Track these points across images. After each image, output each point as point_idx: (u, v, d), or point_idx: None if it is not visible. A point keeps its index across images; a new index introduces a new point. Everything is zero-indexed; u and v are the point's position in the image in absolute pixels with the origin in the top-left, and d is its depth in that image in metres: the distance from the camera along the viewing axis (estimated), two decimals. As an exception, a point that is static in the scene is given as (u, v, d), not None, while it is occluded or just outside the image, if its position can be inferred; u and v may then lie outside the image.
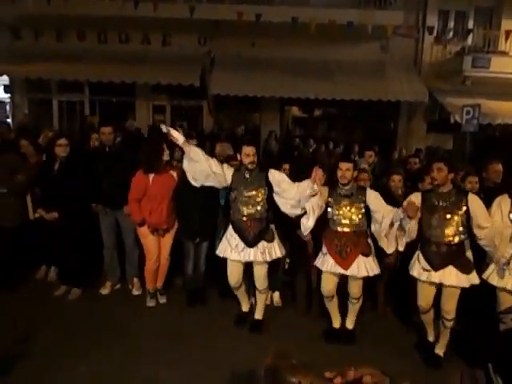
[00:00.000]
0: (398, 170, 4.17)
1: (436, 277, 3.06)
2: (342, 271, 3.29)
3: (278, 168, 3.93)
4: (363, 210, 3.31)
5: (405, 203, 3.06)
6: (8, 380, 2.80)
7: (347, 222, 3.32)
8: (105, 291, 4.09)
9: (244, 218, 3.41)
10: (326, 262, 3.34)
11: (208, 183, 3.44)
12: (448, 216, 3.05)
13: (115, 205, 3.89)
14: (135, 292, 4.12)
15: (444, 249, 3.05)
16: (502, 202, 3.12)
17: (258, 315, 3.62)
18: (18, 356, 3.01)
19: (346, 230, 3.31)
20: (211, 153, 4.69)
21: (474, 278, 3.04)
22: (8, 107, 10.44)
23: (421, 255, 3.16)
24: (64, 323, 3.54)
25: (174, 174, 3.78)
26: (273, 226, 3.53)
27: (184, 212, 3.76)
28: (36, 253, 4.29)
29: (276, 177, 3.42)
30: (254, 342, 3.30)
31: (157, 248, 3.80)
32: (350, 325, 3.51)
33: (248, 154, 3.34)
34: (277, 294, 4.06)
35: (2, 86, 10.17)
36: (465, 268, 3.04)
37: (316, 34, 7.68)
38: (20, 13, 8.53)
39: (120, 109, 10.23)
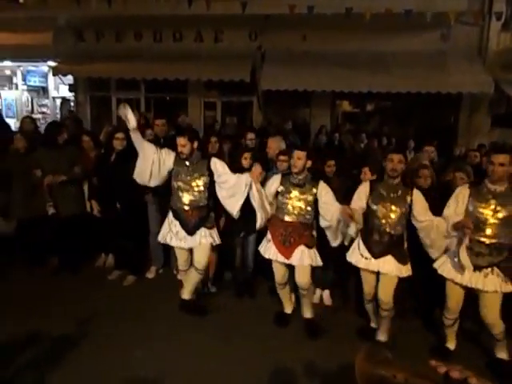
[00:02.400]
0: (463, 166, 3.91)
1: (375, 265, 3.16)
2: (284, 260, 3.33)
3: (324, 163, 3.84)
4: (312, 202, 3.31)
5: (341, 209, 3.09)
6: (66, 360, 2.98)
7: (294, 211, 3.31)
8: (150, 275, 4.26)
9: (185, 207, 3.44)
10: (268, 250, 3.40)
11: (154, 182, 3.46)
12: (393, 207, 3.13)
13: (166, 194, 4.00)
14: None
15: (386, 238, 3.14)
16: (461, 191, 3.06)
17: (186, 296, 3.55)
18: (73, 337, 3.20)
19: (293, 219, 3.32)
20: (262, 148, 4.72)
21: (408, 270, 3.14)
22: (72, 104, 11.13)
23: (361, 243, 3.24)
24: (117, 306, 3.70)
25: None
26: (212, 214, 3.58)
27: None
28: (96, 240, 4.54)
29: (217, 166, 3.44)
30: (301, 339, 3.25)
31: None
32: (308, 314, 3.53)
33: (183, 144, 3.37)
34: (327, 293, 3.96)
35: (67, 85, 10.88)
36: (402, 259, 3.14)
37: (371, 25, 7.36)
38: (84, 15, 9.05)
39: (173, 105, 10.57)
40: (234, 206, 3.38)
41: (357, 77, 8.12)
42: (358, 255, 3.24)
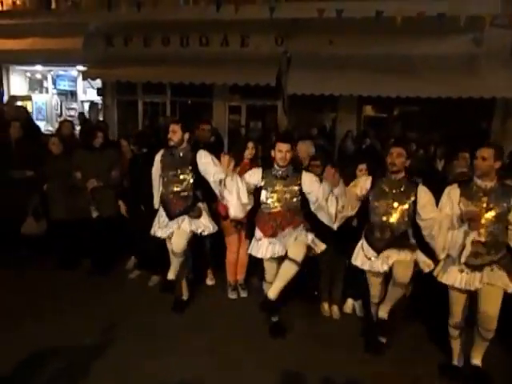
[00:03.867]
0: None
1: (379, 265, 3.01)
2: (274, 239, 3.21)
3: (354, 168, 3.75)
4: (298, 193, 3.25)
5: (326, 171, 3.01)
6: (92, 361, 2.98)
7: (282, 203, 3.26)
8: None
9: (170, 196, 3.51)
10: (260, 248, 3.28)
11: None
12: (395, 204, 3.02)
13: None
14: (209, 282, 4.27)
15: (387, 235, 3.03)
16: (451, 192, 2.95)
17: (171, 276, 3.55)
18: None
19: (281, 209, 3.25)
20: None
21: (420, 256, 3.01)
22: (100, 108, 11.37)
23: (365, 242, 3.13)
24: (143, 309, 3.70)
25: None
26: (201, 204, 3.56)
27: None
28: (125, 242, 4.58)
29: (202, 158, 3.48)
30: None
31: (238, 241, 3.86)
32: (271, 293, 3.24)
33: (175, 131, 3.39)
34: (359, 303, 3.82)
35: (96, 89, 11.11)
36: (408, 248, 3.00)
37: (401, 28, 7.22)
38: (113, 21, 9.24)
39: (198, 109, 10.65)
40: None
41: (385, 81, 7.97)
42: (362, 257, 3.15)
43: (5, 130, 4.58)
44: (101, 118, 10.80)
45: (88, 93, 12.53)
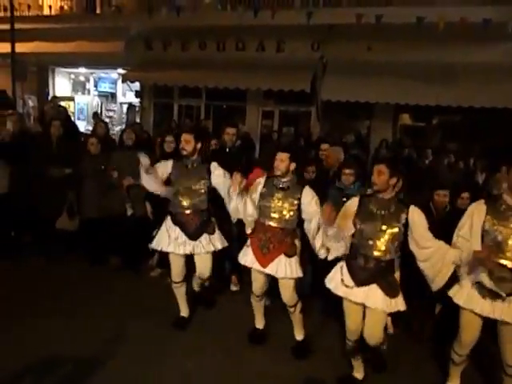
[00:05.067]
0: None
1: (356, 295, 2.66)
2: (260, 268, 3.08)
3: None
4: (296, 207, 3.05)
5: (323, 207, 2.74)
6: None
7: (276, 215, 3.07)
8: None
9: (186, 211, 3.33)
10: (246, 256, 3.18)
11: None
12: (383, 227, 2.65)
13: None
14: (233, 288, 4.22)
15: (372, 264, 2.66)
16: (476, 208, 2.64)
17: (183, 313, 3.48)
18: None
19: (274, 224, 3.07)
20: (319, 158, 4.59)
21: (399, 303, 2.66)
22: (137, 110, 11.70)
23: (344, 267, 2.76)
24: (166, 312, 3.69)
25: None
26: (214, 219, 3.44)
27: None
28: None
29: (216, 170, 3.35)
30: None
31: None
32: (299, 336, 3.27)
33: (187, 140, 3.27)
34: (388, 319, 3.66)
35: (134, 92, 11.46)
36: (390, 290, 2.64)
37: (443, 35, 6.97)
38: (153, 25, 9.50)
39: (231, 113, 10.72)
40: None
41: (425, 89, 7.71)
42: (338, 280, 2.77)
43: (46, 129, 4.79)
44: (138, 120, 11.10)
45: (127, 95, 12.96)
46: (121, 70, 11.41)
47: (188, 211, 3.35)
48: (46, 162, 4.47)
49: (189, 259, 3.47)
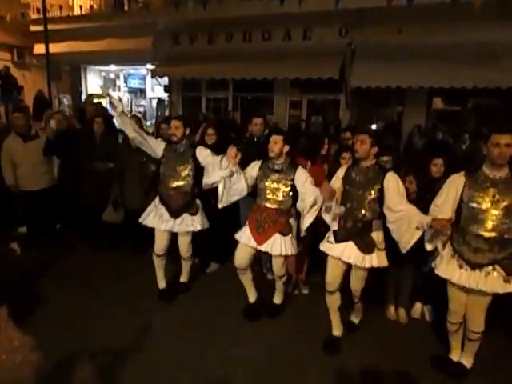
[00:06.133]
0: None
1: (336, 250, 2.96)
2: (255, 246, 3.25)
3: (427, 164, 3.50)
4: (290, 188, 3.22)
5: (322, 185, 2.92)
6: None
7: (271, 196, 3.26)
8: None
9: (171, 191, 3.57)
10: (243, 234, 3.34)
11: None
12: (360, 192, 2.92)
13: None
14: (270, 277, 4.24)
15: (349, 224, 2.95)
16: (456, 180, 2.69)
17: (184, 278, 3.89)
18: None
19: (269, 205, 3.26)
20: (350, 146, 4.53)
21: (374, 260, 2.88)
22: (166, 104, 11.89)
23: (332, 229, 3.07)
24: (200, 297, 3.80)
25: (325, 167, 3.77)
26: (198, 201, 3.66)
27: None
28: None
29: (202, 151, 3.55)
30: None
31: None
32: (277, 300, 3.59)
33: (177, 126, 3.49)
34: (429, 308, 3.59)
35: (163, 86, 11.64)
36: (365, 247, 2.89)
37: (480, 13, 6.63)
38: (180, 20, 9.58)
39: (259, 104, 10.72)
40: (208, 180, 3.44)
41: (460, 71, 7.42)
42: (325, 240, 3.10)
43: (88, 126, 4.95)
44: (167, 114, 11.30)
45: (156, 90, 13.19)
46: (149, 66, 11.61)
47: (172, 191, 3.59)
48: (91, 157, 4.64)
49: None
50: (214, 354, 3.00)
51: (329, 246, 3.03)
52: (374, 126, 9.40)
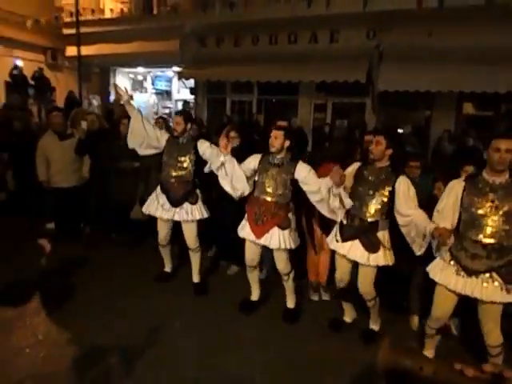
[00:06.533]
0: None
1: (342, 248, 3.04)
2: (255, 239, 3.29)
3: (457, 171, 3.37)
4: (289, 183, 3.24)
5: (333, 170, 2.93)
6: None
7: (270, 190, 3.28)
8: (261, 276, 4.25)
9: (172, 180, 3.72)
10: (244, 228, 3.39)
11: (145, 150, 3.83)
12: (370, 192, 2.95)
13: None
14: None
15: (356, 223, 3.01)
16: (455, 186, 2.69)
17: (196, 279, 3.92)
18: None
19: (268, 198, 3.29)
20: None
21: (379, 259, 2.92)
22: (191, 106, 12.03)
23: (338, 225, 3.14)
24: (221, 298, 3.78)
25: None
26: (198, 191, 3.79)
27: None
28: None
29: (202, 143, 3.68)
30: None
31: (320, 239, 3.75)
32: (290, 304, 3.52)
33: (178, 122, 3.68)
34: (455, 322, 3.44)
35: (189, 88, 11.79)
36: (370, 246, 2.94)
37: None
38: (207, 22, 9.69)
39: (283, 107, 10.69)
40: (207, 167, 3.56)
41: (492, 75, 7.14)
42: (333, 237, 3.16)
43: (116, 126, 5.06)
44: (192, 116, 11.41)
45: (181, 92, 13.38)
46: (176, 68, 11.80)
47: (173, 180, 3.74)
48: (118, 156, 4.74)
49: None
50: (231, 355, 2.99)
51: (336, 245, 3.11)
52: (400, 130, 9.27)
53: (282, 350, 3.09)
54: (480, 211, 2.53)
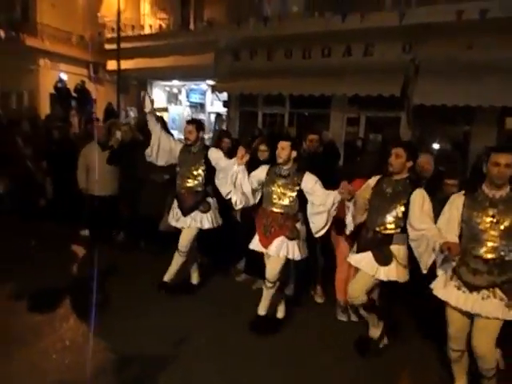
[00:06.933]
0: None
1: (354, 259, 3.04)
2: (263, 249, 3.31)
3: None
4: (296, 193, 3.26)
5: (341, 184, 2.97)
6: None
7: (277, 201, 3.30)
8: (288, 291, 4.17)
9: (183, 191, 3.80)
10: (254, 241, 3.41)
11: (162, 159, 3.90)
12: (386, 204, 2.93)
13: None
14: (318, 300, 4.09)
15: (370, 234, 2.98)
16: (455, 200, 2.63)
17: (166, 278, 3.92)
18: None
19: (275, 210, 3.31)
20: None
21: (390, 273, 2.86)
22: (224, 119, 12.21)
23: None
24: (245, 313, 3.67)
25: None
26: (210, 199, 3.83)
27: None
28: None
29: (213, 154, 3.72)
30: None
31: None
32: (261, 311, 3.41)
33: (190, 131, 3.75)
34: (498, 352, 3.17)
35: (222, 101, 11.98)
36: (382, 259, 2.89)
37: None
38: (241, 36, 9.85)
39: (315, 120, 10.61)
40: (223, 190, 3.57)
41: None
42: (352, 253, 3.15)
43: (149, 138, 5.17)
44: (224, 128, 11.57)
45: (214, 104, 13.62)
46: (210, 81, 12.03)
47: (183, 191, 3.82)
48: (150, 168, 4.84)
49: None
50: (253, 372, 2.91)
51: (351, 256, 3.12)
52: (436, 146, 8.94)
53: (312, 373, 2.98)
54: (480, 226, 2.49)
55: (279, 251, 3.24)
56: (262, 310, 3.44)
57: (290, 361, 3.09)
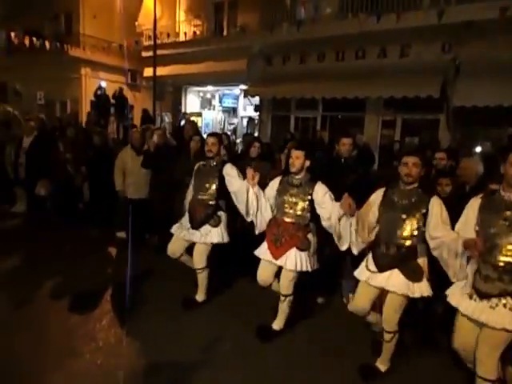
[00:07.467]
0: None
1: (379, 280, 2.79)
2: (272, 259, 3.24)
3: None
4: (308, 203, 3.22)
5: (343, 198, 2.89)
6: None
7: (289, 211, 3.27)
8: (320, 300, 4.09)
9: (195, 203, 3.75)
10: (262, 248, 3.36)
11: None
12: (403, 216, 2.77)
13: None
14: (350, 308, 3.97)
15: (393, 251, 2.79)
16: (473, 203, 2.53)
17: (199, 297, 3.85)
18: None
19: (287, 219, 3.28)
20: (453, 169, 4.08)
21: (423, 288, 2.71)
22: (256, 123, 12.25)
23: (370, 256, 2.92)
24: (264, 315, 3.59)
25: None
26: (222, 213, 3.74)
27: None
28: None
29: (228, 170, 3.64)
30: None
31: None
32: (276, 325, 3.35)
33: (213, 143, 3.68)
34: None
35: (254, 106, 12.04)
36: (413, 274, 2.72)
37: None
38: (274, 41, 9.86)
39: (349, 124, 10.41)
40: (242, 210, 3.49)
41: None
42: (363, 268, 2.91)
43: (185, 143, 5.25)
44: (256, 132, 11.61)
45: (247, 109, 13.71)
46: (243, 86, 12.13)
47: (197, 203, 3.77)
48: (185, 172, 4.90)
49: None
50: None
51: (370, 276, 2.85)
52: (478, 149, 8.51)
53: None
54: (493, 230, 2.37)
55: (292, 265, 3.17)
56: (276, 325, 3.37)
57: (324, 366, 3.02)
